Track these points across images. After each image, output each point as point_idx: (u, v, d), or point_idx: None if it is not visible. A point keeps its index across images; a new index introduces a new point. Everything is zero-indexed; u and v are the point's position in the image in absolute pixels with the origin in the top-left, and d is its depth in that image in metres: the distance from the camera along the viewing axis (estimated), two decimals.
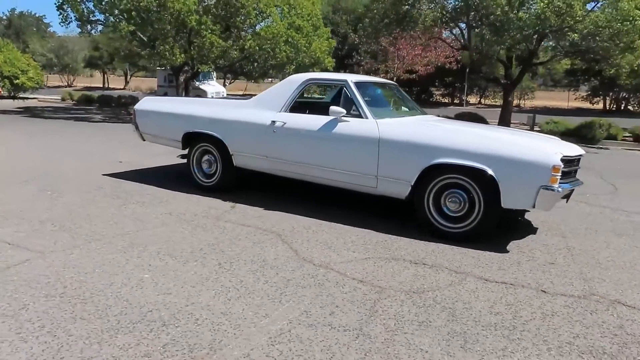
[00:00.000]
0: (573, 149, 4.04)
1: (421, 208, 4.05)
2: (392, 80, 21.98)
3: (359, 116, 4.36)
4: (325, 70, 18.67)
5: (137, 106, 5.95)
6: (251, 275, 3.13)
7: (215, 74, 27.22)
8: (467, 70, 27.49)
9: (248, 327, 2.46)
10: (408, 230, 4.16)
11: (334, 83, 4.77)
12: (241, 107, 5.12)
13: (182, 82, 18.42)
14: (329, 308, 2.70)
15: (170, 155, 7.96)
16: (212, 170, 5.34)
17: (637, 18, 8.90)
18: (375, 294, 2.90)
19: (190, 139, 5.41)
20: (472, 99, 36.35)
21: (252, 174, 5.24)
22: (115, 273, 3.07)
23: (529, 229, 4.44)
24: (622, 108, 28.70)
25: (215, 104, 5.38)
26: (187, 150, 5.57)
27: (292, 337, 2.38)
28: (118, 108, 19.96)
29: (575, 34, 9.20)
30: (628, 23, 9.03)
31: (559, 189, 3.54)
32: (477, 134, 4.16)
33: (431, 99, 34.43)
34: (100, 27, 16.62)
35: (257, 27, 15.20)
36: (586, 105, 30.74)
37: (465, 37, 12.47)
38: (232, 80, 37.64)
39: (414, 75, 19.97)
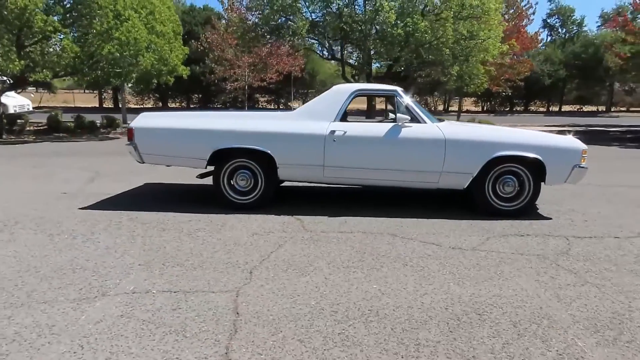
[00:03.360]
0: None
1: (482, 193, 4.92)
2: (244, 88, 22.21)
3: (417, 121, 4.96)
4: (180, 77, 17.78)
5: (136, 124, 5.16)
6: (446, 267, 3.48)
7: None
8: (292, 78, 29.56)
9: (532, 299, 2.92)
10: (465, 213, 4.97)
11: (384, 93, 5.22)
12: (285, 119, 5.09)
13: None
14: (543, 276, 3.33)
15: (114, 177, 6.91)
16: (247, 186, 5.12)
17: (482, 38, 11.68)
18: (547, 260, 3.64)
19: (221, 156, 5.05)
20: (296, 104, 39.07)
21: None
22: (348, 291, 3.04)
23: None
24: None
25: (251, 117, 5.16)
26: (206, 168, 5.18)
27: (562, 297, 2.96)
28: None
29: (447, 49, 11.49)
30: (473, 42, 11.75)
31: (586, 166, 4.88)
32: (519, 131, 5.27)
33: (256, 105, 35.64)
34: None
35: (114, 32, 13.53)
36: None
37: (339, 50, 13.88)
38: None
39: (264, 82, 20.71)
